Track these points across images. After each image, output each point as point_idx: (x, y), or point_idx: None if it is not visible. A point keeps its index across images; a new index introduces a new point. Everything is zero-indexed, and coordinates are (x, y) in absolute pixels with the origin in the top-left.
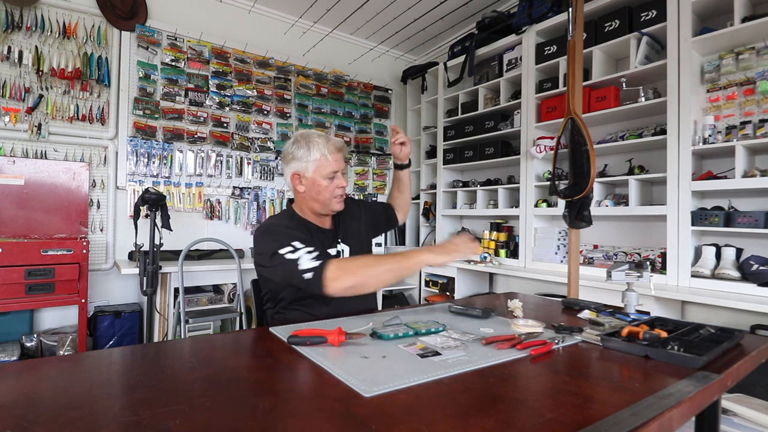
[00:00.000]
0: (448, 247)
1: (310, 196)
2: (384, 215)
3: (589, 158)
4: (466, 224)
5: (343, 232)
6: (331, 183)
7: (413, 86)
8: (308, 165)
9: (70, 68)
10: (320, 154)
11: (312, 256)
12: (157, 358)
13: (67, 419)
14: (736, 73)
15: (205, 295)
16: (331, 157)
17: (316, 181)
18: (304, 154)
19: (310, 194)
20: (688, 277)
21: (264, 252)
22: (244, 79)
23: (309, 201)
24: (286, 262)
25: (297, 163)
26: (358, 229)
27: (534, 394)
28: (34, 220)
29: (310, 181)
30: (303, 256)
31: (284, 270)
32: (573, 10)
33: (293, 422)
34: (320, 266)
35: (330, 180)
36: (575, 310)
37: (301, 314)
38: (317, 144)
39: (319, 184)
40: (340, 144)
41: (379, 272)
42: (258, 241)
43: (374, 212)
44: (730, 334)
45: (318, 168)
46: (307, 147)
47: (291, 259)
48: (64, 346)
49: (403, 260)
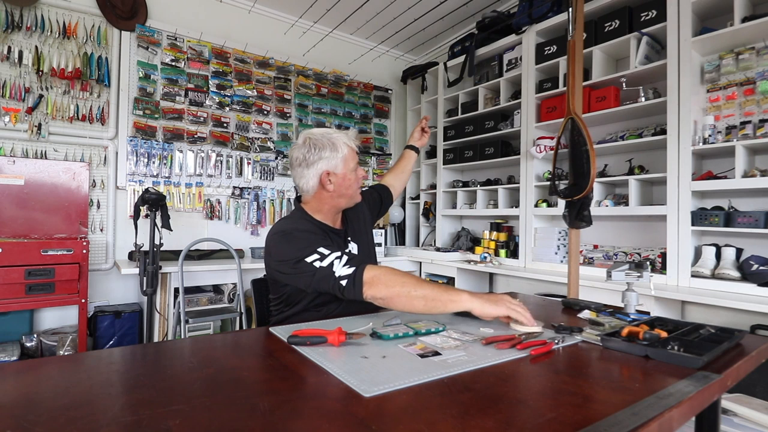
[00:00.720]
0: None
1: (339, 192)
2: (379, 199)
3: (589, 158)
4: (466, 224)
5: (351, 231)
6: (355, 174)
7: (413, 86)
8: (338, 162)
9: (70, 68)
10: (347, 147)
11: (343, 262)
12: (157, 358)
13: (67, 419)
14: (736, 73)
15: (205, 295)
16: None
17: (346, 176)
18: (332, 152)
19: (339, 191)
20: (688, 277)
21: (286, 259)
22: (244, 79)
23: (336, 198)
24: (318, 270)
25: (325, 163)
26: (363, 227)
27: (534, 394)
28: (34, 220)
29: (341, 177)
30: (335, 263)
31: (314, 278)
32: (573, 10)
33: (293, 422)
34: (356, 273)
35: (354, 171)
36: (575, 310)
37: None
38: (339, 139)
39: (349, 178)
40: (354, 133)
41: (413, 296)
42: (277, 246)
43: (371, 201)
44: (730, 334)
45: (346, 162)
46: (332, 144)
47: (322, 267)
48: (64, 346)
49: (441, 294)
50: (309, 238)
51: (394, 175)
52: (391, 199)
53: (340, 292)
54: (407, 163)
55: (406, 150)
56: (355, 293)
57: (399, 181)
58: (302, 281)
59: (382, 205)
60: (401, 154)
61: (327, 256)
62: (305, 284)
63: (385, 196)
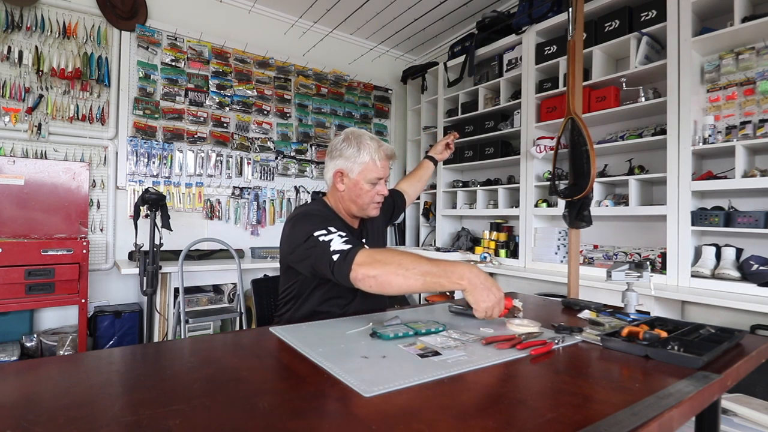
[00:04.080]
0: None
1: (349, 197)
2: (393, 206)
3: (589, 158)
4: (466, 224)
5: (366, 234)
6: (372, 189)
7: (413, 86)
8: (354, 166)
9: (70, 68)
10: (370, 157)
11: (343, 239)
12: (157, 358)
13: (67, 419)
14: (736, 73)
15: (205, 295)
16: (380, 164)
17: (359, 184)
18: (353, 154)
19: (350, 195)
20: (688, 277)
21: (299, 235)
22: (244, 79)
23: (346, 201)
24: (319, 244)
25: (343, 161)
26: (378, 231)
27: (534, 394)
28: (34, 220)
29: (353, 182)
30: (335, 239)
31: (315, 253)
32: (573, 10)
33: (293, 422)
34: (351, 249)
35: (372, 185)
36: (575, 310)
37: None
38: (368, 147)
39: (361, 187)
40: (391, 152)
41: (411, 273)
42: (293, 228)
43: (387, 206)
44: (730, 334)
45: (364, 171)
46: (357, 147)
47: (324, 241)
48: (64, 346)
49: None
50: (322, 216)
51: (409, 183)
52: (404, 205)
53: (330, 269)
54: (424, 173)
55: (425, 160)
56: (344, 270)
57: (414, 189)
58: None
59: (395, 210)
60: (419, 163)
61: (333, 233)
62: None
63: (399, 200)
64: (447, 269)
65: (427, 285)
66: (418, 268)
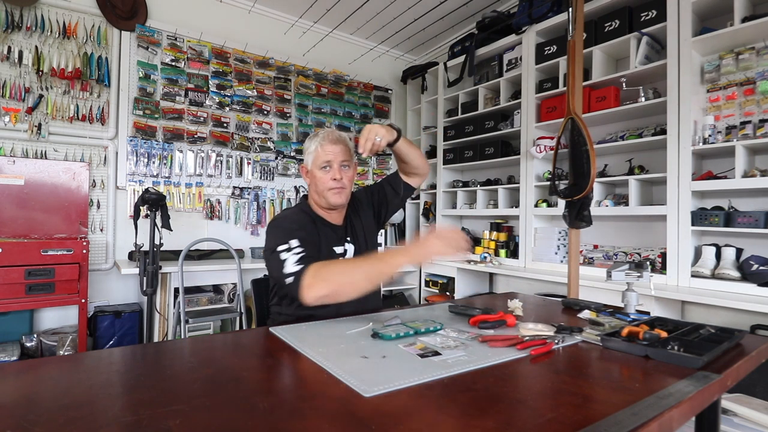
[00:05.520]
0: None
1: (314, 188)
2: (387, 190)
3: (589, 158)
4: (466, 224)
5: (351, 231)
6: (325, 174)
7: (413, 86)
8: (308, 157)
9: (70, 68)
10: (315, 145)
11: (296, 258)
12: (157, 358)
13: (67, 419)
14: (736, 73)
15: (205, 295)
16: (322, 149)
17: (313, 173)
18: (307, 147)
19: (314, 187)
20: (688, 277)
21: (267, 247)
22: (244, 79)
23: (313, 194)
24: (279, 262)
25: (304, 158)
26: (364, 226)
27: (534, 394)
28: (34, 220)
29: (311, 173)
30: (289, 258)
31: (276, 271)
32: (573, 10)
33: (293, 422)
34: (299, 272)
35: (324, 171)
36: (575, 310)
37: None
38: (316, 137)
39: (315, 175)
40: (336, 136)
41: (355, 279)
42: (266, 236)
43: (377, 195)
44: (730, 334)
45: (315, 160)
46: (310, 141)
47: (282, 259)
48: (64, 346)
49: (378, 265)
50: (288, 228)
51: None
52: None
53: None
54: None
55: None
56: (297, 293)
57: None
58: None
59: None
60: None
61: (292, 249)
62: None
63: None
64: (383, 258)
65: (373, 281)
66: (359, 271)
